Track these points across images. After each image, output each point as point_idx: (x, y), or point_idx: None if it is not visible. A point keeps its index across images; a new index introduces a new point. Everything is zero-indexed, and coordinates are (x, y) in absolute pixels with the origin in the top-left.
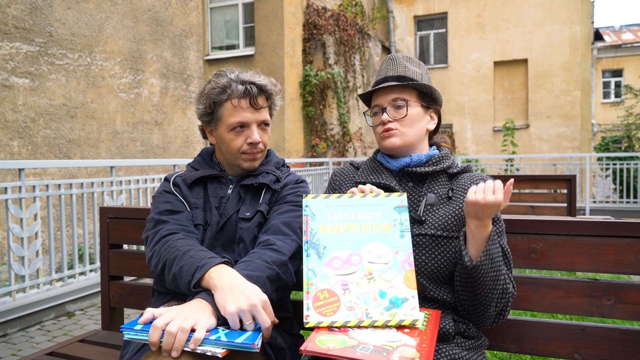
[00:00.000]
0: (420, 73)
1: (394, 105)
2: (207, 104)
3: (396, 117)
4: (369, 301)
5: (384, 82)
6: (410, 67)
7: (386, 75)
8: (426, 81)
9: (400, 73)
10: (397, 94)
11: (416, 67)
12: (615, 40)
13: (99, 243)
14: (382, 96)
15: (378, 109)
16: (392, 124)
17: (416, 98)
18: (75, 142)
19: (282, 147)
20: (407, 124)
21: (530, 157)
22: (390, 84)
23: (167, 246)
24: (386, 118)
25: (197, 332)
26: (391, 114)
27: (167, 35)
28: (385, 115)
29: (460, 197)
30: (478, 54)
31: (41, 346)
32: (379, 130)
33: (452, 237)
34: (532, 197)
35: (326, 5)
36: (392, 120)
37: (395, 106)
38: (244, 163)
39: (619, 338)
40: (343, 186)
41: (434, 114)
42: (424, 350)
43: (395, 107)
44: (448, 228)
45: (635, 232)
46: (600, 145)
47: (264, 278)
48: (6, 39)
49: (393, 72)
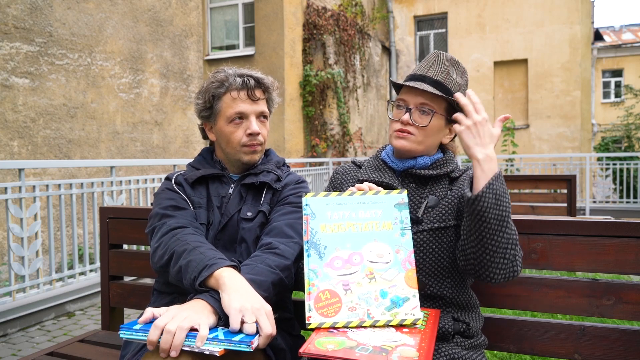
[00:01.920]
0: (460, 84)
1: (420, 109)
2: (206, 98)
3: (417, 122)
4: (371, 301)
5: (422, 81)
6: (452, 74)
7: (425, 74)
8: (463, 93)
9: (440, 79)
10: (427, 100)
11: (458, 77)
12: (615, 40)
13: (99, 243)
14: (412, 95)
15: (403, 105)
16: (411, 127)
17: (444, 110)
18: (75, 142)
19: (282, 147)
20: (425, 134)
21: (530, 157)
22: (425, 88)
23: (176, 238)
24: (407, 119)
25: (201, 330)
26: (414, 117)
27: (167, 35)
28: (407, 116)
29: (455, 191)
30: (478, 54)
31: (41, 346)
32: (395, 126)
33: (448, 227)
34: (532, 197)
35: (326, 5)
36: (412, 124)
37: (421, 111)
38: (244, 156)
39: (619, 338)
40: (345, 184)
41: (453, 129)
42: (423, 349)
43: (421, 112)
44: (444, 219)
45: (635, 232)
46: (600, 145)
47: (269, 283)
48: (6, 39)
49: (434, 73)
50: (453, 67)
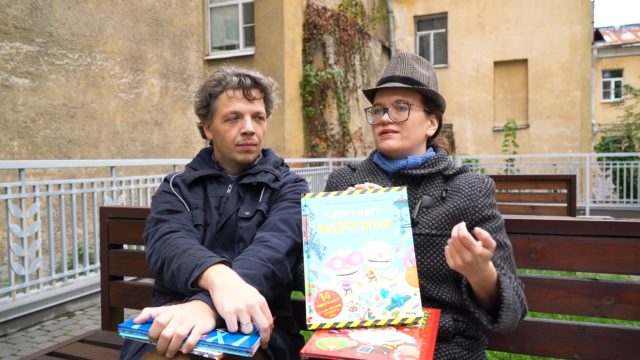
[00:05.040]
0: (428, 76)
1: (397, 106)
2: (203, 97)
3: (397, 119)
4: (371, 301)
5: (390, 82)
6: (418, 69)
7: (392, 75)
8: (433, 85)
9: (408, 74)
10: (400, 96)
11: (424, 70)
12: (615, 40)
13: (99, 243)
14: (385, 96)
15: (380, 108)
16: (392, 126)
17: (419, 102)
18: (75, 142)
19: (282, 147)
20: (407, 128)
21: (530, 157)
22: (395, 85)
23: (167, 244)
24: (387, 119)
25: (190, 338)
26: (392, 115)
27: (167, 35)
28: (386, 116)
29: (454, 196)
30: (478, 54)
31: (41, 346)
32: (378, 130)
33: (446, 236)
34: (532, 197)
35: (326, 5)
36: (393, 122)
37: (398, 108)
38: (238, 155)
39: (619, 338)
40: (340, 188)
41: (435, 120)
42: (424, 348)
43: (398, 109)
44: (442, 227)
45: (635, 232)
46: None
47: (260, 276)
48: (6, 39)
49: (400, 72)
50: (417, 62)
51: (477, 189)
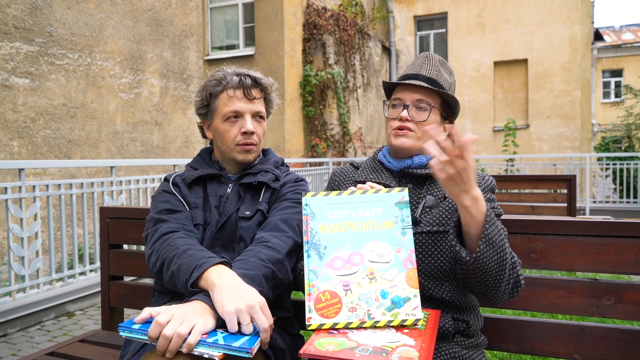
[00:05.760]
0: (450, 82)
1: (417, 105)
2: (203, 96)
3: (416, 118)
4: (371, 301)
5: (415, 79)
6: (443, 73)
7: (418, 73)
8: (452, 92)
9: (434, 76)
10: (423, 96)
11: (448, 75)
12: (615, 40)
13: (99, 243)
14: (407, 92)
15: (399, 103)
16: (410, 124)
17: (439, 106)
18: (75, 142)
19: (282, 147)
20: (424, 129)
21: (530, 157)
22: (420, 84)
23: (166, 244)
24: (406, 116)
25: (190, 338)
26: (412, 113)
27: (167, 35)
28: (405, 113)
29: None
30: (478, 53)
31: (41, 346)
32: (393, 124)
33: (447, 231)
34: (532, 197)
35: (326, 5)
36: (411, 120)
37: (418, 107)
38: (238, 155)
39: (619, 338)
40: (342, 186)
41: (446, 126)
42: (423, 350)
43: (418, 108)
44: (443, 222)
45: (635, 232)
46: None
47: (260, 277)
48: (6, 39)
49: (426, 72)
50: (442, 66)
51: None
